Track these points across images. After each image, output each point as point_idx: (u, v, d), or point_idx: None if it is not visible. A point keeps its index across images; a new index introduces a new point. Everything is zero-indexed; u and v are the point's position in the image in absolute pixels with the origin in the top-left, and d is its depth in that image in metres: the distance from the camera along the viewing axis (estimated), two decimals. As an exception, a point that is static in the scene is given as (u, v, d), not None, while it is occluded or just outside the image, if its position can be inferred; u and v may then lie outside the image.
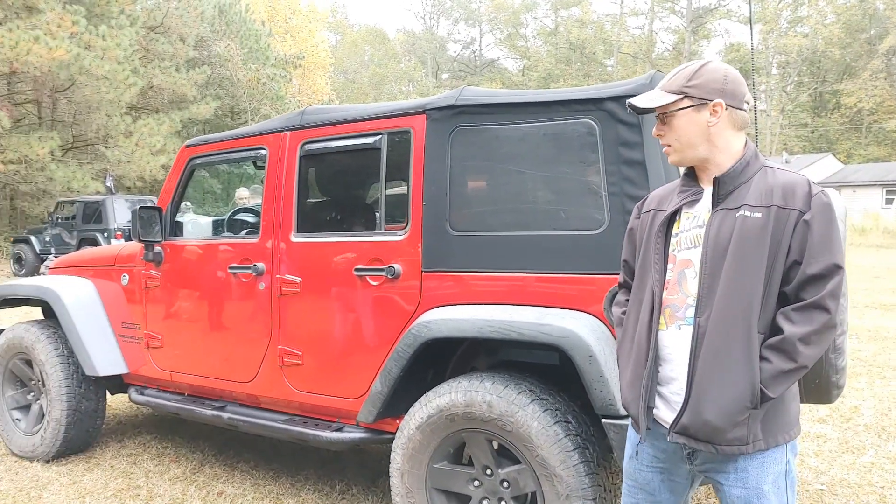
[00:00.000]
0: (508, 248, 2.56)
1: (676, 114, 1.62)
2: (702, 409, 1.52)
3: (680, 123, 1.62)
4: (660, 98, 1.63)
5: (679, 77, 1.63)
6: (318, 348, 3.01)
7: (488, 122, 2.64)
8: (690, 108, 1.60)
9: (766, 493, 1.57)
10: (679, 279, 1.62)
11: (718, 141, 1.60)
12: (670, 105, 1.62)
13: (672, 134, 1.64)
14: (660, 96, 1.64)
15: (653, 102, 1.64)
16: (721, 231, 1.55)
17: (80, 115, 20.07)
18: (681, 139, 1.63)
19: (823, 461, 3.75)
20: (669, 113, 1.63)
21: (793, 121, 46.78)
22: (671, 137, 1.64)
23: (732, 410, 1.50)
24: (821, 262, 1.50)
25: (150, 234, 3.55)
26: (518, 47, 59.48)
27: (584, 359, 2.25)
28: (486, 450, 2.50)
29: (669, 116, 1.63)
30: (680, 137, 1.63)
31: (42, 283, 4.01)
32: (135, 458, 3.98)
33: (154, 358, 3.68)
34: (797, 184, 1.54)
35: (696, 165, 1.66)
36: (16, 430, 4.03)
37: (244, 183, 8.93)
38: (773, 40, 45.08)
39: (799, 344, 1.49)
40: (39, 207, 20.38)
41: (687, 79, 1.61)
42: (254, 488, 3.51)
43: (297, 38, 34.77)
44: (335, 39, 58.19)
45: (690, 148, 1.62)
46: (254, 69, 25.37)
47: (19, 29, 14.96)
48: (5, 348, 4.07)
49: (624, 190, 2.36)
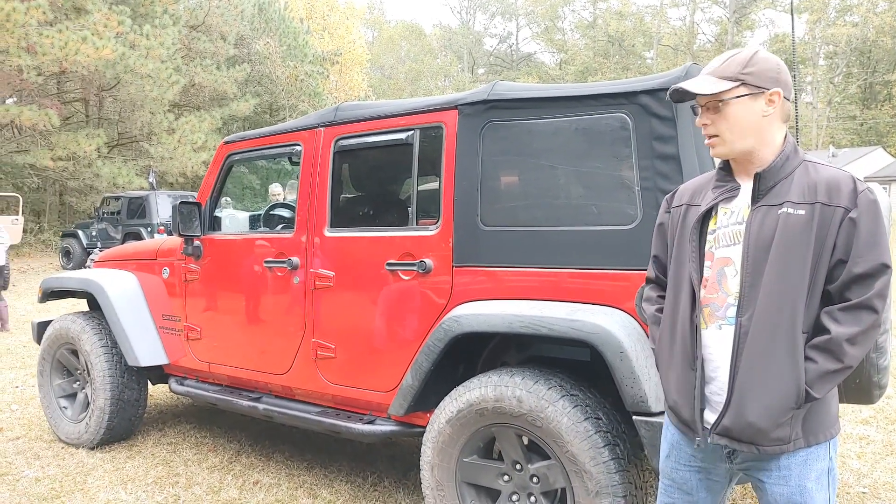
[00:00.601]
0: (540, 243, 2.55)
1: (731, 102, 1.54)
2: (745, 411, 1.50)
3: (735, 112, 1.54)
4: (715, 84, 1.54)
5: (733, 63, 1.55)
6: (350, 342, 3.05)
7: (520, 116, 2.63)
8: (747, 96, 1.53)
9: (810, 490, 1.54)
10: (719, 277, 1.59)
11: (766, 133, 1.55)
12: (725, 92, 1.54)
13: (724, 123, 1.55)
14: (714, 83, 1.55)
15: (708, 89, 1.54)
16: (763, 228, 1.51)
17: (125, 112, 20.64)
18: (733, 129, 1.55)
19: (866, 463, 3.65)
20: (724, 101, 1.55)
21: (840, 113, 45.37)
22: (722, 127, 1.56)
23: (777, 412, 1.48)
24: (868, 261, 1.46)
25: (190, 229, 3.64)
26: (555, 41, 58.95)
27: (616, 355, 2.23)
28: (516, 445, 2.50)
29: (724, 105, 1.55)
30: (732, 127, 1.55)
31: (87, 276, 4.14)
32: (174, 446, 4.09)
33: (193, 349, 3.77)
34: (841, 180, 1.50)
35: (738, 159, 1.59)
36: (63, 417, 4.18)
37: (283, 178, 9.07)
38: (821, 30, 43.75)
39: (846, 344, 1.46)
40: (87, 203, 21.03)
41: (742, 65, 1.54)
42: (288, 478, 3.58)
43: (334, 35, 35.08)
44: (372, 35, 58.57)
45: (741, 139, 1.55)
46: (292, 66, 25.68)
47: (68, 30, 15.42)
48: (53, 338, 4.22)
49: (657, 185, 2.32)
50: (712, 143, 1.59)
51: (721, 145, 1.57)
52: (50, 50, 15.02)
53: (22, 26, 14.47)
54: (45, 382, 4.29)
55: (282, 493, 3.40)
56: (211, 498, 3.35)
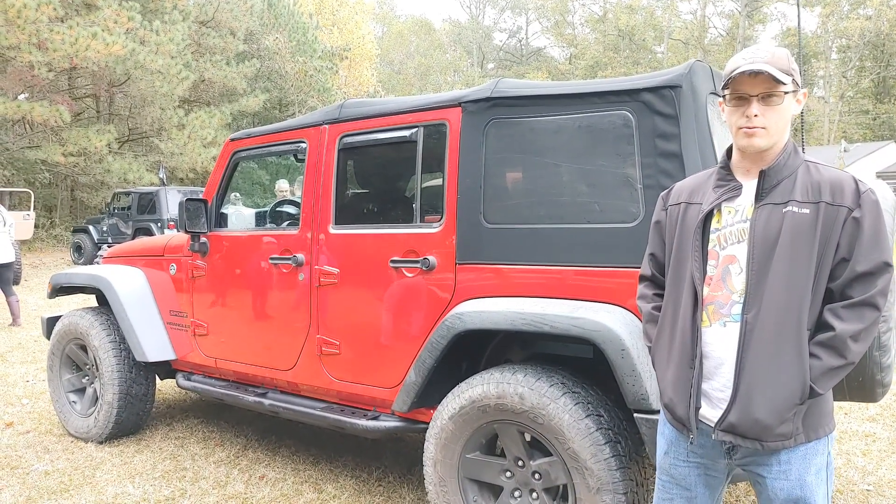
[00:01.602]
0: (543, 241, 2.55)
1: (785, 96, 1.56)
2: (752, 408, 1.52)
3: (786, 106, 1.57)
4: (783, 77, 1.54)
5: (782, 59, 1.56)
6: (354, 338, 3.07)
7: (523, 114, 2.63)
8: (792, 92, 1.57)
9: (810, 484, 1.57)
10: (723, 275, 1.60)
11: (788, 131, 1.59)
12: (786, 85, 1.55)
13: (774, 116, 1.55)
14: (781, 75, 1.53)
15: (783, 79, 1.53)
16: (769, 226, 1.53)
17: (135, 108, 20.74)
18: (779, 123, 1.56)
19: (871, 461, 3.64)
20: (777, 94, 1.55)
21: (853, 108, 44.90)
22: (772, 119, 1.55)
23: (782, 408, 1.51)
24: (870, 259, 1.50)
25: (196, 226, 3.66)
26: (565, 35, 58.64)
27: (617, 353, 2.23)
28: (518, 441, 2.51)
29: (777, 98, 1.55)
30: (780, 121, 1.56)
31: (96, 272, 4.18)
32: (182, 441, 4.13)
33: (200, 345, 3.80)
34: (844, 181, 1.53)
35: (754, 156, 1.60)
36: (72, 411, 4.23)
37: (291, 175, 9.11)
38: (834, 23, 43.27)
39: (850, 341, 1.49)
40: (97, 198, 21.17)
41: (789, 61, 1.56)
42: (294, 473, 3.61)
43: (343, 30, 35.06)
44: (381, 31, 58.46)
45: (782, 133, 1.58)
46: (301, 62, 25.70)
47: (79, 26, 15.50)
48: (62, 334, 4.26)
49: (660, 182, 2.32)
50: (756, 133, 1.56)
51: (765, 137, 1.56)
52: (60, 46, 15.12)
53: (33, 23, 14.58)
54: (54, 377, 4.34)
55: (287, 487, 3.43)
56: (217, 492, 3.39)
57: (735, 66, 1.56)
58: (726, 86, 1.58)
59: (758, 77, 1.54)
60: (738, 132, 1.58)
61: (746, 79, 1.55)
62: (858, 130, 43.86)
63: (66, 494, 3.39)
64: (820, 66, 43.52)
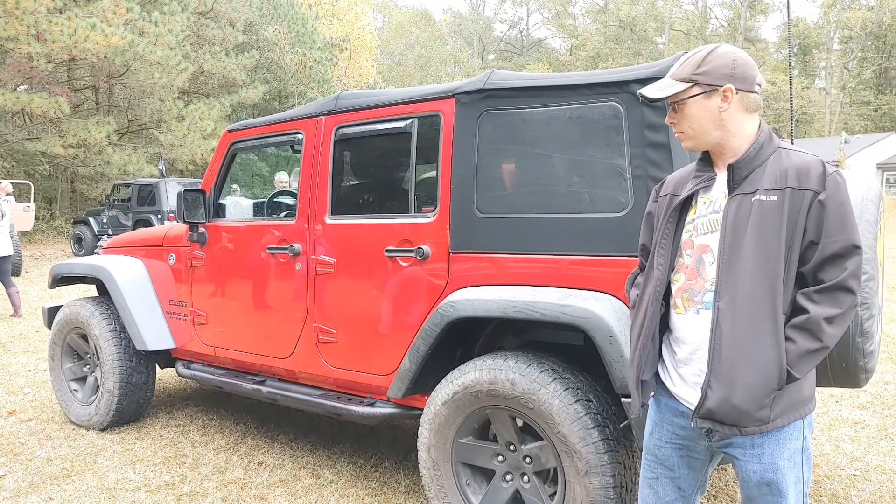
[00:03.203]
0: (534, 230, 2.60)
1: (687, 102, 1.63)
2: (730, 394, 1.54)
3: (691, 111, 1.63)
4: (669, 87, 1.64)
5: (688, 65, 1.64)
6: (350, 326, 3.12)
7: (515, 105, 2.67)
8: (700, 95, 1.61)
9: (782, 468, 1.60)
10: (697, 264, 1.65)
11: (731, 125, 1.62)
12: (680, 94, 1.63)
13: (685, 121, 1.65)
14: (669, 85, 1.64)
15: (662, 92, 1.65)
16: (738, 216, 1.57)
17: (134, 100, 20.74)
18: (693, 126, 1.64)
19: (860, 447, 3.70)
20: (680, 101, 1.64)
21: (854, 99, 44.76)
22: (684, 125, 1.66)
23: (760, 393, 1.53)
24: (838, 241, 1.52)
25: (195, 216, 3.71)
26: (566, 26, 58.44)
27: (605, 339, 2.29)
28: (510, 426, 2.57)
29: (681, 105, 1.64)
30: (692, 125, 1.64)
31: (96, 262, 4.23)
32: (182, 428, 4.20)
33: (199, 334, 3.86)
34: (811, 164, 1.56)
35: (712, 150, 1.68)
36: (73, 400, 4.29)
37: (291, 166, 9.13)
38: (836, 14, 43.12)
39: (824, 323, 1.51)
40: (97, 190, 21.19)
41: (696, 66, 1.62)
42: (292, 459, 3.67)
43: (343, 21, 34.94)
44: (381, 21, 58.26)
45: (703, 134, 1.64)
46: (301, 53, 25.64)
47: (77, 17, 15.46)
48: (63, 323, 4.32)
49: (648, 173, 2.37)
50: (680, 137, 1.69)
51: (688, 140, 1.68)
52: (59, 37, 15.10)
53: (31, 14, 14.56)
54: (55, 366, 4.40)
55: (285, 473, 3.50)
56: (217, 477, 3.45)
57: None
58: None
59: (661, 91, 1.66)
60: None
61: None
62: (859, 122, 43.75)
63: (68, 480, 3.45)
64: (821, 57, 43.40)
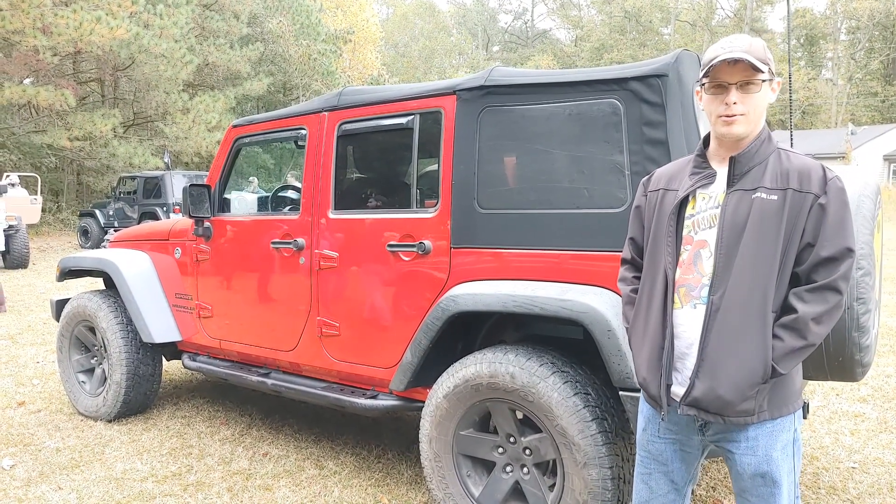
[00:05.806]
0: (534, 225, 2.63)
1: (762, 84, 1.61)
2: (715, 384, 1.59)
3: (763, 95, 1.63)
4: (761, 64, 1.59)
5: (758, 48, 1.61)
6: (353, 320, 3.16)
7: (516, 102, 2.70)
8: (768, 81, 1.62)
9: (776, 459, 1.65)
10: (694, 259, 1.68)
11: (763, 118, 1.66)
12: (761, 74, 1.60)
13: (751, 104, 1.61)
14: (758, 63, 1.58)
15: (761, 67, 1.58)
16: (738, 212, 1.60)
17: (139, 92, 20.80)
18: (757, 110, 1.63)
19: (859, 440, 3.73)
20: (755, 82, 1.61)
21: (861, 90, 44.47)
22: (750, 107, 1.61)
23: (744, 385, 1.57)
24: (834, 245, 1.56)
25: (200, 211, 3.75)
26: (571, 17, 58.18)
27: (603, 333, 2.32)
28: (510, 419, 2.61)
29: (754, 86, 1.61)
30: (757, 108, 1.62)
31: (103, 255, 4.28)
32: (188, 419, 4.26)
33: (205, 327, 3.91)
34: (812, 168, 1.60)
35: (731, 144, 1.66)
36: (81, 391, 4.35)
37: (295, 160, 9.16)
38: (843, 4, 42.79)
39: (811, 323, 1.56)
40: (103, 182, 21.31)
41: (765, 51, 1.62)
42: (296, 450, 3.73)
43: (347, 13, 34.86)
44: (386, 13, 58.11)
45: (758, 121, 1.64)
46: (305, 45, 25.64)
47: (82, 10, 15.51)
48: (71, 316, 4.38)
49: (647, 169, 2.39)
50: (735, 120, 1.61)
51: (744, 124, 1.62)
52: (65, 30, 15.16)
53: (37, 7, 14.61)
54: (63, 358, 4.46)
55: (290, 463, 3.55)
56: (222, 468, 3.51)
57: (714, 55, 1.61)
58: (706, 74, 1.63)
59: (737, 65, 1.59)
60: (718, 120, 1.63)
61: (726, 67, 1.60)
62: (867, 113, 43.48)
63: (76, 470, 3.51)
64: (829, 47, 43.10)
